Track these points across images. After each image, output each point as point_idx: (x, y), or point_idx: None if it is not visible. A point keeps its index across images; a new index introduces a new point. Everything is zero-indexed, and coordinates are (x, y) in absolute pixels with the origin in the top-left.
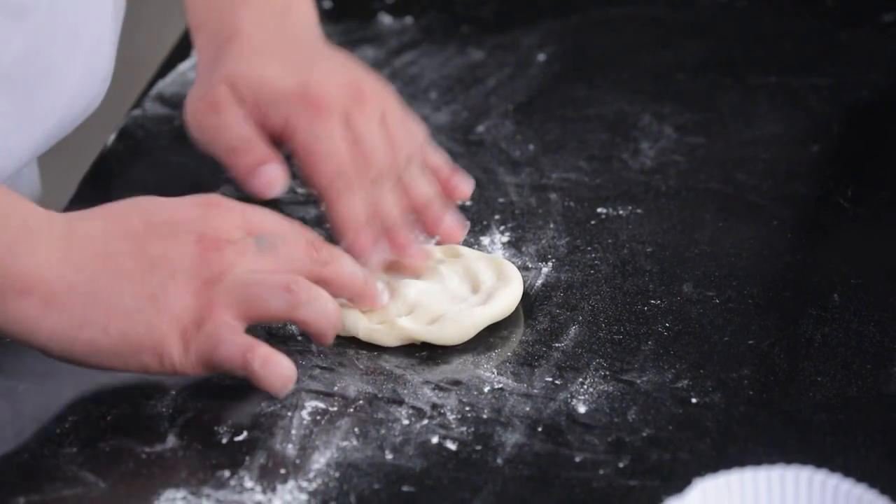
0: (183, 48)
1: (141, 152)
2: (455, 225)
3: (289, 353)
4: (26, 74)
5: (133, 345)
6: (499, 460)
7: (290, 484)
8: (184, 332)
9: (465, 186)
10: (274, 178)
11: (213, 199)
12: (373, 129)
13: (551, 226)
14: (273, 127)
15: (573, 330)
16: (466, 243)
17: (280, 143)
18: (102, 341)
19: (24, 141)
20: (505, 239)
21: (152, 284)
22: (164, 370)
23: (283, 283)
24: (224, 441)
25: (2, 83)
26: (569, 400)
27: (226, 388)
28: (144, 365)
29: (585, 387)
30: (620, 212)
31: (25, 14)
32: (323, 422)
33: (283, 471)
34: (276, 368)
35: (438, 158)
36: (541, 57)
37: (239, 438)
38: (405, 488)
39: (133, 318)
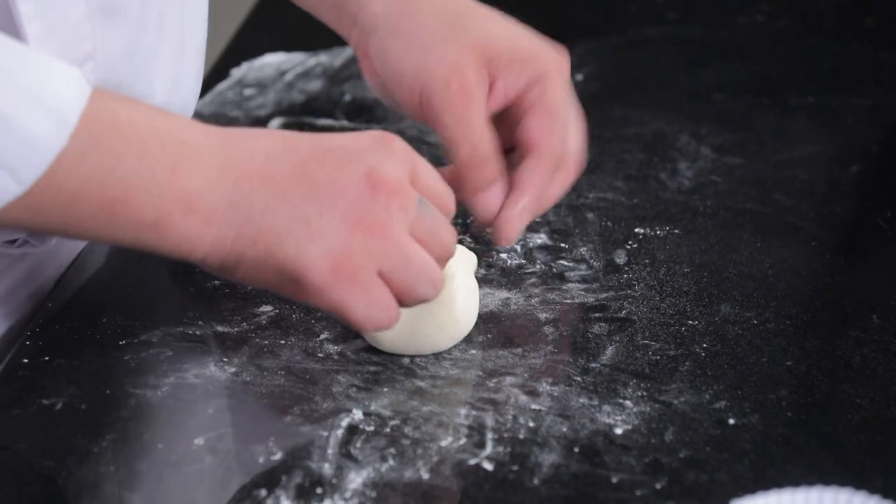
0: (221, 68)
1: None
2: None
3: (325, 373)
4: (126, 70)
5: (277, 263)
6: (535, 481)
7: (327, 503)
8: (334, 267)
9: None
10: (500, 202)
11: (387, 136)
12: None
13: (589, 245)
14: (508, 92)
15: (610, 350)
16: (505, 262)
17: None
18: (249, 254)
19: None
20: (542, 258)
21: (309, 208)
22: (298, 296)
23: (435, 279)
24: (260, 460)
25: (106, 76)
26: (605, 420)
27: (263, 406)
28: (281, 286)
29: (622, 407)
30: (658, 232)
31: (117, 12)
32: (359, 441)
33: (319, 490)
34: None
35: None
36: (578, 77)
37: (275, 457)
38: None
39: (282, 237)
